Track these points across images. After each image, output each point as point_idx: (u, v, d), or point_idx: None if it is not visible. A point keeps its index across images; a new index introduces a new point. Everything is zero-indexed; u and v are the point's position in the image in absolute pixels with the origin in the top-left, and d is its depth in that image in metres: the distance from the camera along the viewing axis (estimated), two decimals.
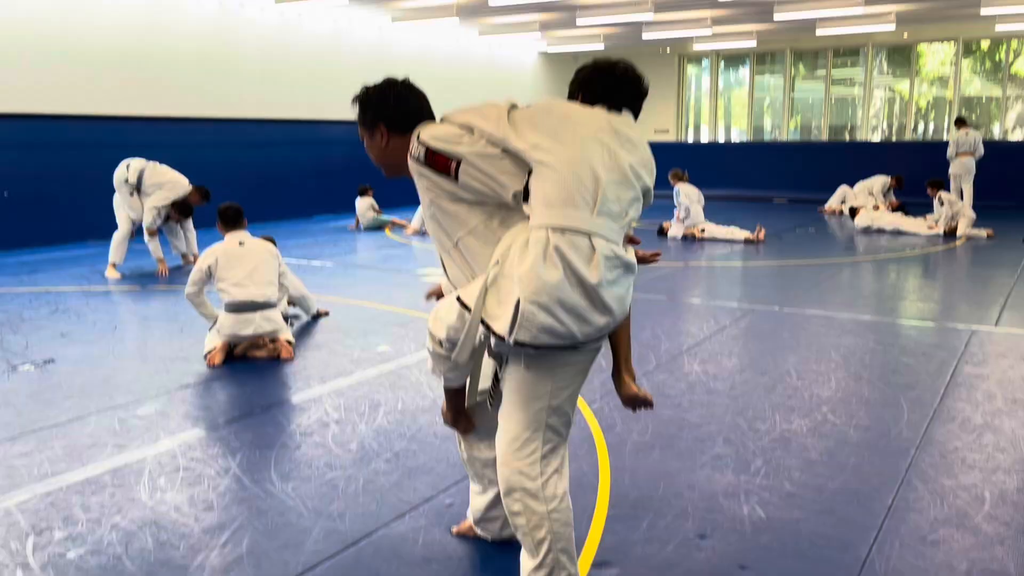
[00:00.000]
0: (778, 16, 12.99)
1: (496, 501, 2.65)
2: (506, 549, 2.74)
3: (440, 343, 2.16)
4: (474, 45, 16.83)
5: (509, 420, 2.14)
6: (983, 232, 10.66)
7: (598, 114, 2.16)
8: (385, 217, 12.06)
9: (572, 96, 2.34)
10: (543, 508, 2.10)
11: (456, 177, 2.02)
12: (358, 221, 12.16)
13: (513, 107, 2.13)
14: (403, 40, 15.15)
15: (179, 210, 8.23)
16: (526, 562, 2.18)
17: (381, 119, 2.24)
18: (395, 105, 2.23)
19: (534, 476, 2.10)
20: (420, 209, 11.56)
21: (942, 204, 11.01)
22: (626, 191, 2.07)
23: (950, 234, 10.75)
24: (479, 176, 2.02)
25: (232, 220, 5.35)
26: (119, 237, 8.31)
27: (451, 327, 2.10)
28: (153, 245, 8.24)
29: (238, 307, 5.07)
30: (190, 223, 8.66)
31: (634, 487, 3.24)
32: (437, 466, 3.46)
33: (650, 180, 2.17)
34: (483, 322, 2.00)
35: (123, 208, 8.34)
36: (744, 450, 3.60)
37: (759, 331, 5.79)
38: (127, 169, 8.20)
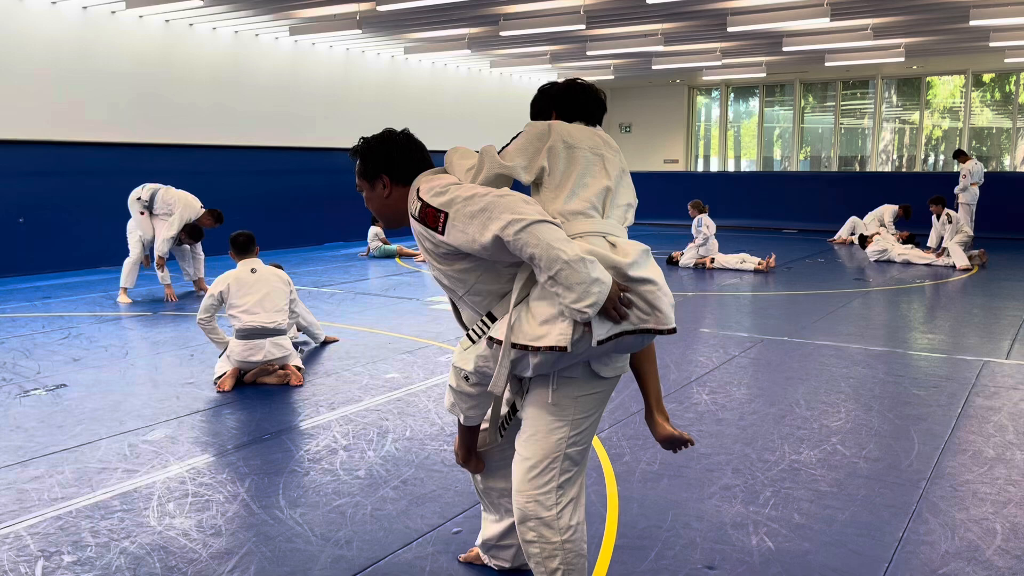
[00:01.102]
0: (787, 48, 13.08)
1: (510, 530, 2.65)
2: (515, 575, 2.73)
3: (466, 378, 2.18)
4: (485, 75, 17.00)
5: (528, 448, 2.14)
6: (974, 255, 10.74)
7: (588, 129, 2.32)
8: (392, 247, 12.13)
9: (542, 111, 2.43)
10: (557, 538, 2.10)
11: (443, 231, 2.04)
12: (369, 249, 12.24)
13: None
14: (415, 70, 15.32)
15: (189, 233, 8.31)
16: None
17: (383, 170, 2.26)
18: (397, 156, 2.25)
19: (550, 506, 2.10)
20: None
21: (950, 221, 11.06)
22: (626, 194, 2.27)
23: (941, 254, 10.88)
24: (461, 231, 2.02)
25: (243, 248, 5.41)
26: (130, 262, 8.39)
27: (480, 357, 2.13)
28: (162, 274, 8.30)
29: (248, 334, 5.10)
30: (199, 247, 8.73)
31: (642, 516, 3.23)
32: (445, 494, 3.46)
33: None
34: (526, 347, 2.02)
35: (135, 233, 8.42)
36: (753, 480, 3.58)
37: (768, 361, 5.78)
38: (141, 189, 8.31)
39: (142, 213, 8.32)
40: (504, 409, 2.48)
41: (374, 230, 12.21)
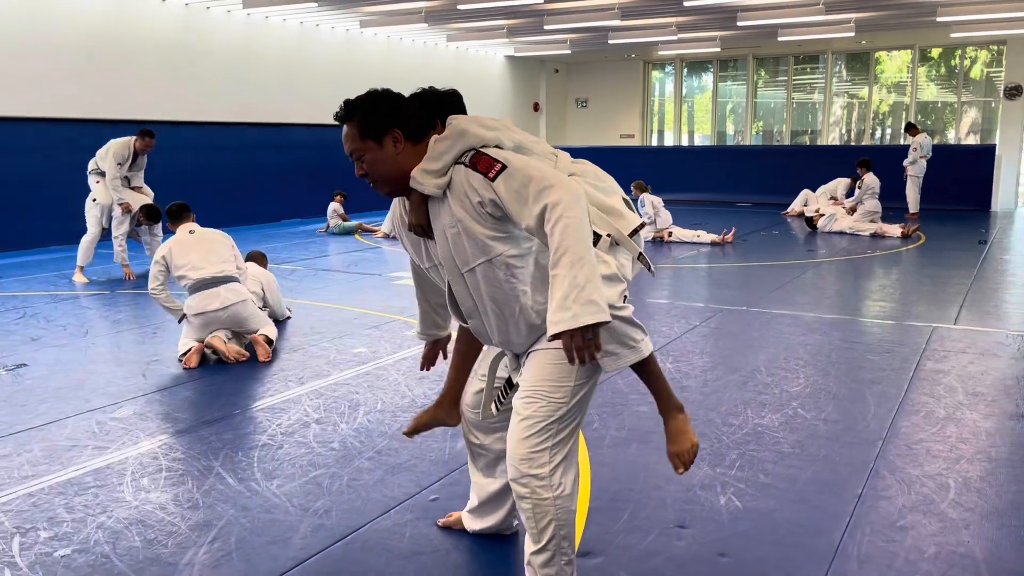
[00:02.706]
0: (741, 23, 13.23)
1: (500, 494, 2.71)
2: (494, 541, 2.81)
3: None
4: (441, 49, 16.88)
5: (526, 408, 2.18)
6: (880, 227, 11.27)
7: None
8: (351, 223, 12.05)
9: (418, 119, 2.24)
10: (550, 495, 2.16)
11: (494, 178, 2.04)
12: (328, 225, 12.15)
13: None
14: (370, 44, 15.15)
15: (147, 214, 8.19)
16: (528, 546, 2.24)
17: (395, 124, 2.14)
18: (407, 109, 2.18)
19: (543, 463, 2.16)
20: (390, 213, 11.65)
21: (859, 184, 11.68)
22: None
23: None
24: (516, 189, 2.03)
25: (177, 215, 5.53)
26: (87, 241, 8.24)
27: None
28: (120, 249, 8.18)
29: (199, 285, 5.18)
30: (158, 229, 8.60)
31: (614, 480, 3.32)
32: (420, 463, 3.51)
33: None
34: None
35: (93, 211, 8.27)
36: (719, 444, 3.70)
37: (728, 330, 5.92)
38: (92, 162, 8.35)
39: (98, 183, 8.25)
40: (496, 384, 2.53)
41: (333, 206, 12.12)
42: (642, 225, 2.36)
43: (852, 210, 11.88)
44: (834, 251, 10.04)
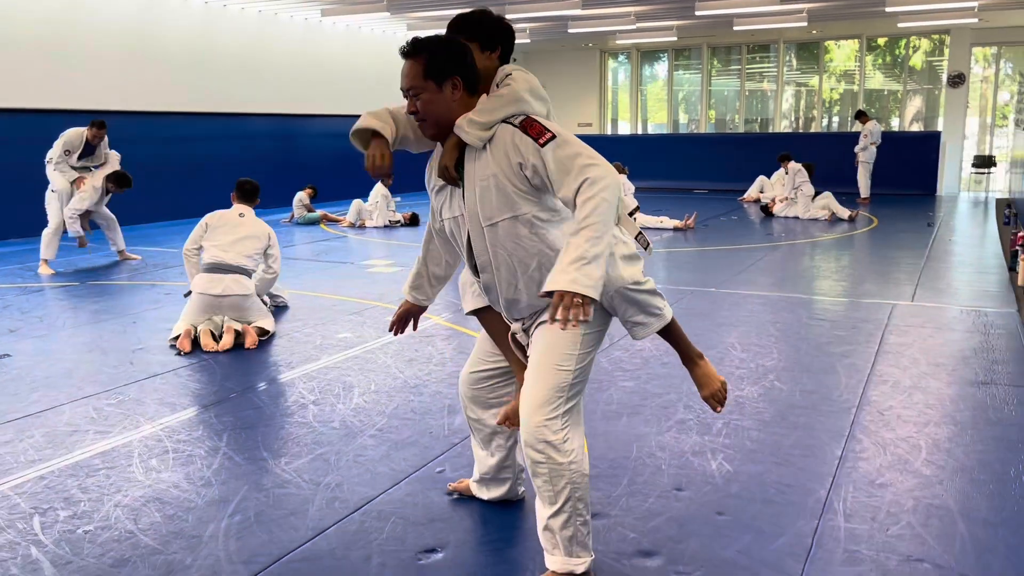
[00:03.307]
0: (699, 12, 13.49)
1: (504, 465, 2.86)
2: (505, 507, 2.95)
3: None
4: (402, 38, 16.85)
5: (538, 378, 2.32)
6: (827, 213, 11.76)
7: None
8: (316, 214, 12.05)
9: (477, 72, 2.36)
10: (564, 459, 2.30)
11: (543, 144, 2.15)
12: (293, 215, 12.13)
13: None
14: (331, 33, 15.09)
15: (116, 181, 8.21)
16: (542, 509, 2.38)
17: (459, 72, 2.23)
18: (472, 62, 2.27)
19: (556, 430, 2.30)
20: (355, 202, 11.68)
21: (787, 173, 12.21)
22: None
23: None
24: (561, 159, 2.14)
25: (247, 195, 5.80)
26: (49, 232, 8.16)
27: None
28: (71, 217, 8.13)
29: (214, 267, 5.37)
30: (111, 215, 8.53)
31: (610, 449, 3.48)
32: (422, 439, 3.64)
33: None
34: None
35: (53, 203, 8.19)
36: (704, 415, 3.89)
37: (700, 310, 6.14)
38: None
39: (54, 171, 8.20)
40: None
41: (299, 196, 12.08)
42: (637, 208, 2.55)
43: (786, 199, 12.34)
44: (791, 235, 10.37)
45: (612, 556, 2.63)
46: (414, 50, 2.22)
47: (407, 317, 2.84)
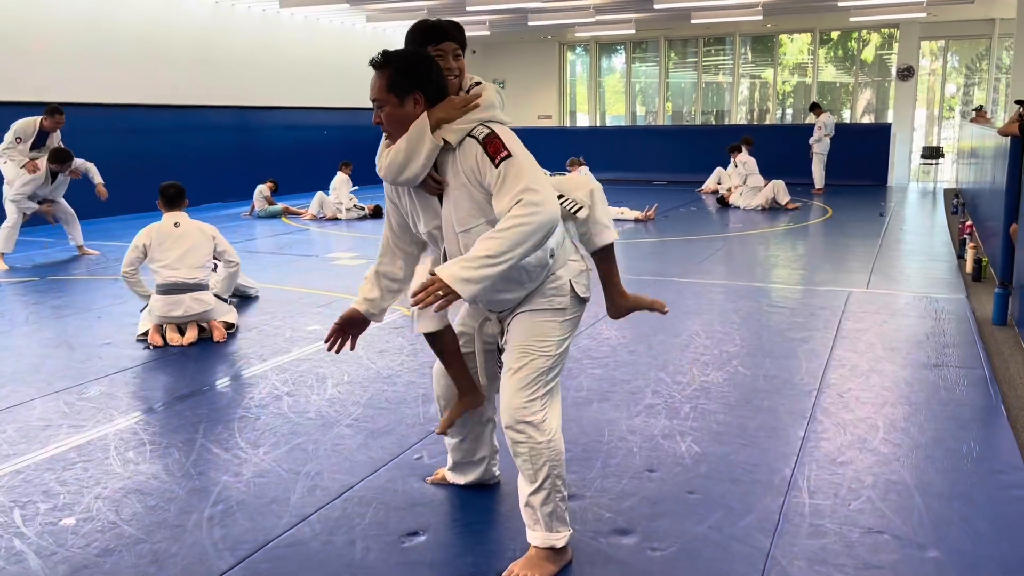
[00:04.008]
0: (657, 5, 13.64)
1: (475, 448, 2.94)
2: (483, 490, 3.03)
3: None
4: (360, 29, 16.78)
5: (518, 363, 2.41)
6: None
7: None
8: (277, 207, 11.97)
9: (441, 86, 2.41)
10: (544, 439, 2.40)
11: (498, 164, 2.23)
12: (253, 208, 12.03)
13: None
14: (289, 25, 14.96)
15: (53, 158, 8.11)
16: (524, 487, 2.47)
17: (421, 87, 2.30)
18: (436, 77, 2.34)
19: (536, 411, 2.39)
20: (318, 194, 11.63)
21: (736, 167, 12.54)
22: None
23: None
24: (512, 176, 2.23)
25: (172, 200, 5.45)
26: (7, 227, 8.02)
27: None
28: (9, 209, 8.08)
29: (168, 289, 5.12)
30: (68, 205, 8.44)
31: (582, 434, 3.58)
32: (398, 427, 3.70)
33: None
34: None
35: (9, 192, 8.08)
36: (672, 399, 4.01)
37: (664, 298, 6.17)
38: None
39: (5, 163, 8.07)
40: (479, 358, 2.75)
41: (260, 188, 11.99)
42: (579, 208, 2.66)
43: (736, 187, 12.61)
44: (749, 225, 10.59)
45: (589, 535, 2.72)
46: (381, 63, 2.29)
47: (346, 332, 2.64)
